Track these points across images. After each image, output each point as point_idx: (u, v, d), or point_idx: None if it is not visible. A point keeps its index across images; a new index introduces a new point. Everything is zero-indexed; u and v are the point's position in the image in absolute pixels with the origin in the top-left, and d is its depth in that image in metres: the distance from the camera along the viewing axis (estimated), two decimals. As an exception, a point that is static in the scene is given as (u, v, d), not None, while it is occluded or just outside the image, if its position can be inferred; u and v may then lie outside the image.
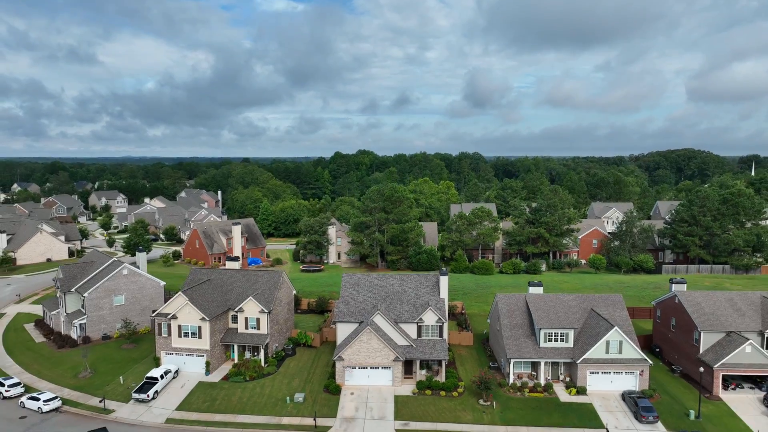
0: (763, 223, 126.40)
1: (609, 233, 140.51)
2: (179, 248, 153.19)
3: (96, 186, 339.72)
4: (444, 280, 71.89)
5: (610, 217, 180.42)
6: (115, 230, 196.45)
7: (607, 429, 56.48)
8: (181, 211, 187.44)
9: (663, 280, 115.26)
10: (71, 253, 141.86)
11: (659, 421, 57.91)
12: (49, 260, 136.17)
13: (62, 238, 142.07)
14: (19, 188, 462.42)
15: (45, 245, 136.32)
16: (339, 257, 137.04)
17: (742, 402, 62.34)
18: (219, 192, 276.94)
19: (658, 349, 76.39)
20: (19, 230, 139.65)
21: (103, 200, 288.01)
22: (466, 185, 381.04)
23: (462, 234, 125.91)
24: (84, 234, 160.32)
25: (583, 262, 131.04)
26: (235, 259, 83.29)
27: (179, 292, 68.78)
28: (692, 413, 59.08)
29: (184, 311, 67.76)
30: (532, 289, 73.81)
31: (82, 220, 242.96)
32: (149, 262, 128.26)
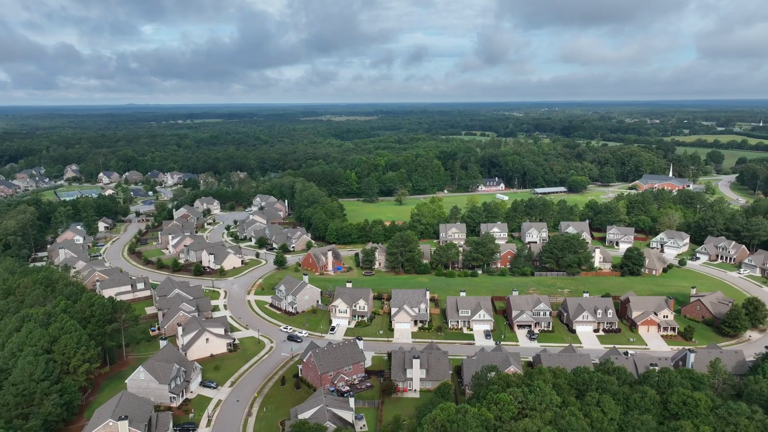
0: (589, 248, 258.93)
1: (521, 245, 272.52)
2: (294, 257, 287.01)
3: (188, 192, 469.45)
4: (427, 293, 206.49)
5: (531, 233, 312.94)
6: (237, 239, 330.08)
7: (475, 341, 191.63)
8: (281, 229, 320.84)
9: (533, 281, 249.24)
10: (242, 262, 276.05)
11: (492, 338, 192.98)
12: (234, 267, 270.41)
13: (237, 255, 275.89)
14: (106, 178, 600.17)
15: (232, 259, 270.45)
16: (380, 265, 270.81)
17: (522, 333, 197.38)
18: (286, 201, 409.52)
19: (506, 315, 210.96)
20: (215, 251, 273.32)
21: (205, 205, 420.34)
22: (455, 181, 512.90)
23: (440, 256, 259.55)
24: (239, 250, 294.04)
25: (501, 267, 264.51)
26: (350, 281, 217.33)
27: (338, 298, 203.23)
28: (503, 336, 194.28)
29: (341, 304, 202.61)
30: (462, 293, 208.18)
31: (207, 226, 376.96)
32: (285, 268, 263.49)
